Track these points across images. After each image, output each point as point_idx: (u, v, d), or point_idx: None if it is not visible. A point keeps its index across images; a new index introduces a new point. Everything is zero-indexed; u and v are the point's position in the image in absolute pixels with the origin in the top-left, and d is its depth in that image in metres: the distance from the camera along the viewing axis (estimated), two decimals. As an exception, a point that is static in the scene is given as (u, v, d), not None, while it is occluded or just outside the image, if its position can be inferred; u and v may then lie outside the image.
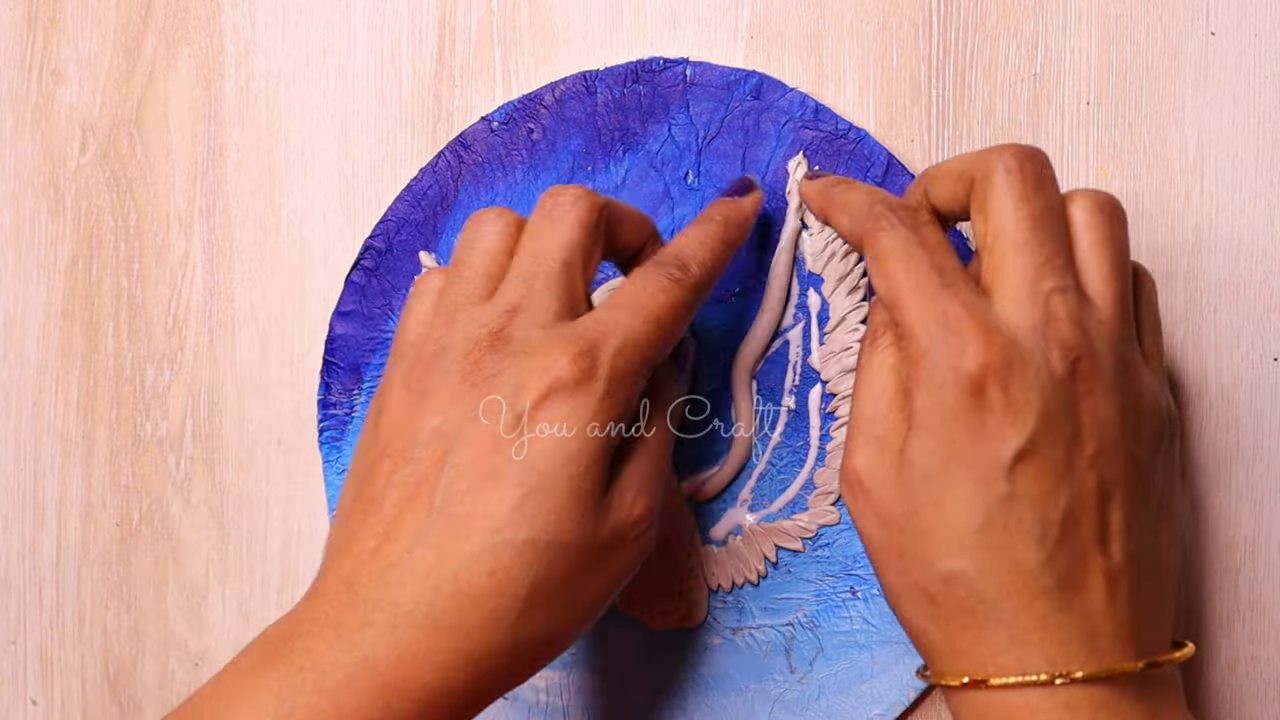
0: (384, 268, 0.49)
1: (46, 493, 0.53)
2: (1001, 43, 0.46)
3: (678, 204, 0.47)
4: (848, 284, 0.45)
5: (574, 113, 0.47)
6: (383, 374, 0.41)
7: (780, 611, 0.46)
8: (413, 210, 0.49)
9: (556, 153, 0.48)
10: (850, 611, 0.46)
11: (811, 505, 0.46)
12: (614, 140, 0.47)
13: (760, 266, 0.46)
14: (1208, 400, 0.45)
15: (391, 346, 0.41)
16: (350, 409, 0.49)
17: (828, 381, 0.46)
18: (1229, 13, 0.45)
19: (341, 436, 0.49)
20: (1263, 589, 0.45)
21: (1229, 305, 0.45)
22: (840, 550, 0.46)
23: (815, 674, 0.46)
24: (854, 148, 0.45)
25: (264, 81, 0.51)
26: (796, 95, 0.46)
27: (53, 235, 0.53)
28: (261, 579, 0.51)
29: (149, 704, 0.52)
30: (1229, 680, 0.45)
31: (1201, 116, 0.45)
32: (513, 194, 0.48)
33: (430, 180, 0.48)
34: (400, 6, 0.50)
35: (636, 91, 0.47)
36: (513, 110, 0.48)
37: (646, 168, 0.47)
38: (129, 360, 0.52)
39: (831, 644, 0.46)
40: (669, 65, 0.47)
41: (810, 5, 0.47)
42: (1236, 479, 0.45)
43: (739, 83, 0.46)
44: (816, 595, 0.46)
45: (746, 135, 0.46)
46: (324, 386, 0.49)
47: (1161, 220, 0.45)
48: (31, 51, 0.53)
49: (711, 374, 0.47)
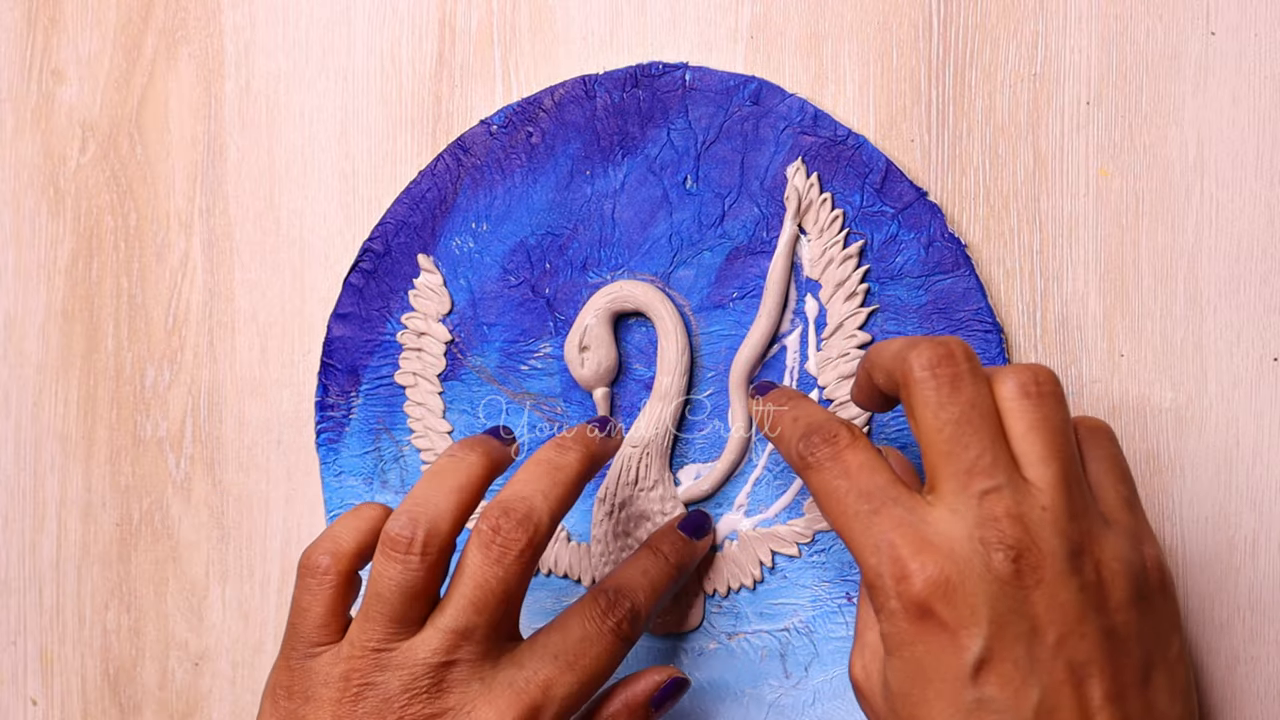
0: (382, 270, 0.49)
1: (46, 493, 0.53)
2: (1001, 43, 0.46)
3: (676, 209, 0.47)
4: (845, 290, 0.45)
5: (573, 116, 0.47)
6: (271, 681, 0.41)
7: (776, 617, 0.46)
8: (411, 213, 0.49)
9: (555, 156, 0.48)
10: (846, 617, 0.46)
11: (808, 511, 0.46)
12: (613, 144, 0.47)
13: (759, 271, 0.46)
14: (1208, 400, 0.45)
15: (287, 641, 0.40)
16: (348, 411, 0.49)
17: (825, 388, 0.46)
18: (1229, 13, 0.45)
19: (339, 439, 0.49)
20: (1262, 589, 0.45)
21: (1229, 305, 0.45)
22: (836, 556, 0.46)
23: (810, 679, 0.46)
24: (852, 154, 0.45)
25: (264, 81, 0.51)
26: (795, 101, 0.46)
27: (53, 235, 0.53)
28: (261, 579, 0.51)
29: (149, 704, 0.52)
30: (1229, 680, 0.45)
31: (1201, 116, 0.45)
32: (511, 197, 0.48)
33: (429, 183, 0.48)
34: (400, 7, 0.50)
35: (636, 96, 0.47)
36: (512, 114, 0.48)
37: (645, 172, 0.47)
38: (129, 360, 0.52)
39: (827, 649, 0.46)
40: (668, 70, 0.47)
41: (810, 6, 0.47)
42: (1236, 479, 0.45)
43: (738, 88, 0.46)
44: (812, 601, 0.46)
45: (745, 140, 0.46)
46: (321, 389, 0.49)
47: (1161, 220, 0.45)
48: (31, 51, 0.53)
49: (709, 379, 0.47)
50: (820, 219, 0.46)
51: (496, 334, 0.48)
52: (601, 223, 0.47)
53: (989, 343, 0.45)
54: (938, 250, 0.45)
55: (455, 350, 0.48)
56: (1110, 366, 0.45)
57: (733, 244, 0.46)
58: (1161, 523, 0.45)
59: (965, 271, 0.45)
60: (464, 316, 0.48)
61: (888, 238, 0.45)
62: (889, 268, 0.45)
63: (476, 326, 0.48)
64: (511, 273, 0.48)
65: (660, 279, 0.47)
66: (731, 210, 0.46)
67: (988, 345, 0.45)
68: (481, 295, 0.48)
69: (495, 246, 0.48)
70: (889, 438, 0.45)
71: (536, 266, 0.48)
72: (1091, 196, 0.45)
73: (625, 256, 0.47)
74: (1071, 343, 0.45)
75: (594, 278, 0.47)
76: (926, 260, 0.45)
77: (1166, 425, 0.45)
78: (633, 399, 0.47)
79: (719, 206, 0.46)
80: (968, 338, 0.45)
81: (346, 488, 0.49)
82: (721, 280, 0.46)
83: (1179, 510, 0.45)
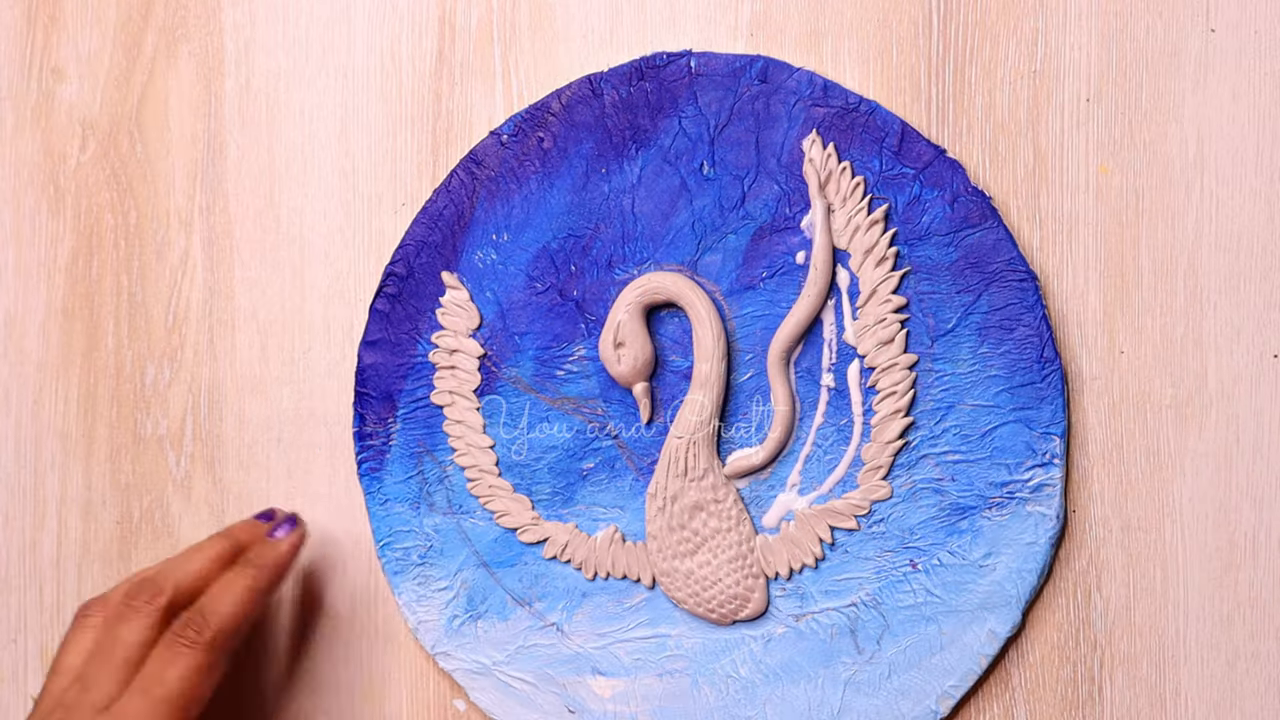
0: (407, 293, 0.49)
1: (47, 490, 0.53)
2: (1001, 39, 0.46)
3: (695, 195, 0.47)
4: (875, 256, 0.45)
5: (582, 116, 0.47)
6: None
7: (842, 593, 0.46)
8: (430, 232, 0.48)
9: (569, 158, 0.47)
10: (912, 585, 0.46)
11: (862, 482, 0.46)
12: (625, 139, 0.47)
13: (786, 248, 0.46)
14: (1208, 397, 0.45)
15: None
16: (387, 438, 0.49)
17: (865, 355, 0.46)
18: (1229, 10, 0.45)
19: (381, 466, 0.49)
20: (1263, 586, 0.45)
21: (1229, 302, 0.45)
22: (896, 524, 0.46)
23: (884, 652, 0.46)
24: (866, 119, 0.45)
25: (264, 79, 0.51)
26: (804, 74, 0.46)
27: (53, 233, 0.53)
28: (262, 577, 0.51)
29: (149, 702, 0.52)
30: (1229, 676, 0.45)
31: (1201, 113, 0.45)
32: (529, 205, 0.48)
33: (445, 200, 0.48)
34: (400, 4, 0.50)
35: (643, 88, 0.47)
36: (520, 121, 0.48)
37: (660, 163, 0.47)
38: (129, 358, 0.52)
39: (897, 620, 0.46)
40: (673, 59, 0.47)
41: (810, 3, 0.47)
42: (1237, 476, 0.45)
43: (744, 68, 0.46)
44: (877, 572, 0.46)
45: (757, 119, 0.46)
46: (358, 419, 0.49)
47: (1161, 217, 0.45)
48: (32, 50, 0.53)
49: (748, 361, 0.47)
50: (842, 188, 0.45)
51: (529, 342, 0.48)
52: (622, 218, 0.47)
53: (1025, 291, 0.44)
54: (963, 205, 0.45)
55: (489, 364, 0.48)
56: (1110, 363, 0.45)
57: (756, 224, 0.46)
58: (1162, 520, 0.45)
59: (993, 223, 0.45)
60: (494, 329, 0.48)
61: (911, 199, 0.45)
62: (916, 229, 0.45)
63: (508, 337, 0.48)
64: (537, 279, 0.48)
65: (688, 267, 0.47)
66: (751, 190, 0.46)
67: (1024, 294, 0.44)
68: (509, 306, 0.48)
69: (518, 255, 0.48)
70: (936, 456, 0.45)
71: (562, 270, 0.48)
72: (1091, 193, 0.45)
73: (650, 249, 0.47)
74: (1072, 339, 0.45)
75: (620, 274, 0.47)
76: (953, 217, 0.45)
77: (1167, 422, 0.45)
78: (673, 390, 0.47)
79: (738, 188, 0.46)
80: (1002, 289, 0.45)
81: (394, 515, 0.49)
82: (749, 261, 0.46)
83: (1179, 507, 0.45)
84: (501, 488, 0.48)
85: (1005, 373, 0.45)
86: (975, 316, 0.45)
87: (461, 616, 0.48)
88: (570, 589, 0.48)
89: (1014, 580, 0.45)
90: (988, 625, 0.45)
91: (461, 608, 0.48)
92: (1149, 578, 0.45)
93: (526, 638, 0.48)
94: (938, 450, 0.45)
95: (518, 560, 0.48)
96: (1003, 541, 0.45)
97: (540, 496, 0.48)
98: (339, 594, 0.50)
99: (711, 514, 0.46)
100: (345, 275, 0.50)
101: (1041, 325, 0.44)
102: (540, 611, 0.48)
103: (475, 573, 0.48)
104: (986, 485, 0.45)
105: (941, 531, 0.45)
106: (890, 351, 0.45)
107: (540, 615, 0.48)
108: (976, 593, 0.45)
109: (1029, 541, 0.45)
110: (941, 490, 0.45)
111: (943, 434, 0.45)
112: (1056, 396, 0.44)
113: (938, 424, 0.45)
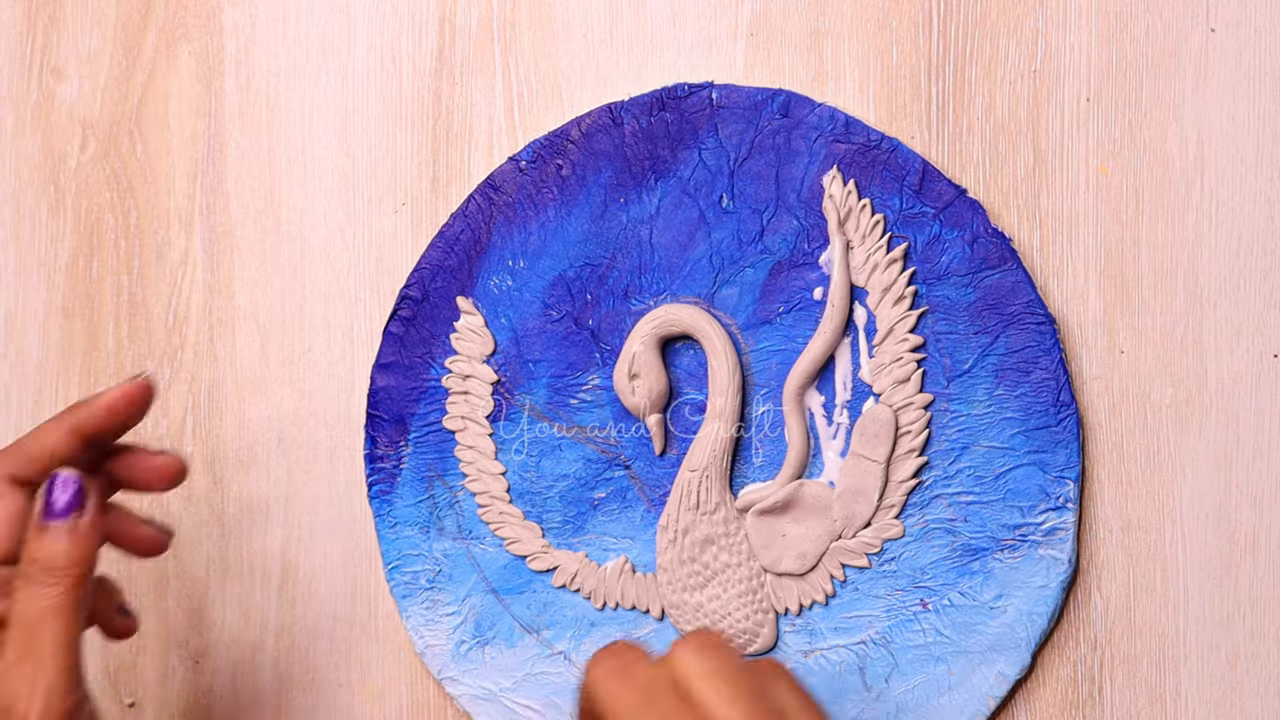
0: (421, 316, 0.49)
1: (47, 490, 0.53)
2: (1001, 39, 0.46)
3: (714, 228, 0.47)
4: (893, 294, 0.45)
5: (602, 145, 0.47)
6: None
7: (851, 630, 0.46)
8: (446, 256, 0.48)
9: (587, 187, 0.47)
10: (922, 624, 0.45)
11: (874, 520, 0.46)
12: (644, 170, 0.47)
13: (804, 284, 0.46)
14: (1208, 397, 0.45)
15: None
16: (398, 461, 0.49)
17: (880, 394, 0.45)
18: (1229, 9, 0.45)
19: (391, 489, 0.49)
20: (1263, 586, 0.45)
21: (1229, 301, 0.45)
22: (907, 563, 0.45)
23: (892, 690, 0.46)
24: (887, 157, 0.45)
25: (264, 79, 0.51)
26: (826, 110, 0.46)
27: (53, 233, 0.53)
28: (262, 577, 0.51)
29: (149, 702, 0.52)
30: (1229, 677, 0.45)
31: (1201, 113, 0.45)
32: (546, 232, 0.48)
33: (462, 225, 0.48)
34: (400, 4, 0.50)
35: (664, 119, 0.47)
36: (540, 148, 0.48)
37: (679, 195, 0.47)
38: (129, 358, 0.52)
39: (905, 659, 0.45)
40: (695, 90, 0.47)
41: (810, 2, 0.47)
42: (1237, 476, 0.45)
43: (766, 102, 0.46)
44: (887, 611, 0.46)
45: (778, 154, 0.46)
46: (369, 441, 0.49)
47: (1161, 217, 0.45)
48: (32, 49, 0.53)
49: (763, 396, 0.46)
50: (861, 225, 0.45)
51: (543, 370, 0.48)
52: (640, 249, 0.47)
53: (1043, 335, 0.44)
54: (982, 246, 0.45)
55: (502, 390, 0.48)
56: (1110, 363, 0.45)
57: (774, 259, 0.46)
58: (1162, 520, 0.45)
59: (1013, 265, 0.45)
60: (508, 355, 0.48)
61: (931, 238, 0.45)
62: (935, 268, 0.45)
63: (522, 364, 0.48)
64: (553, 307, 0.48)
65: (704, 300, 0.47)
66: (770, 225, 0.46)
67: (1042, 338, 0.44)
68: (524, 332, 0.48)
69: (534, 282, 0.48)
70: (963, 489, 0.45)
71: (577, 299, 0.48)
72: (1091, 193, 0.45)
73: (667, 281, 0.47)
74: (1072, 339, 0.45)
75: (636, 305, 0.47)
76: (972, 257, 0.45)
77: (1167, 422, 0.45)
78: (686, 423, 0.47)
79: (757, 222, 0.46)
80: (1020, 332, 0.44)
81: (403, 538, 0.49)
82: (766, 296, 0.46)
83: (1179, 507, 0.45)
84: (512, 514, 0.48)
85: (1021, 415, 0.45)
86: (992, 358, 0.45)
87: (469, 642, 0.48)
88: (579, 618, 0.48)
89: (1024, 623, 0.45)
90: (997, 667, 0.45)
91: (469, 633, 0.48)
92: (1149, 578, 0.45)
93: (534, 665, 0.48)
94: (951, 490, 0.45)
95: (527, 588, 0.48)
96: (1014, 584, 0.45)
97: (551, 524, 0.48)
98: (339, 594, 0.50)
99: (723, 548, 0.46)
100: (345, 275, 0.50)
101: (1058, 369, 0.44)
102: (548, 640, 0.48)
103: (484, 599, 0.48)
104: (999, 527, 0.45)
105: (953, 572, 0.45)
106: (906, 390, 0.45)
107: (548, 643, 0.48)
108: (987, 634, 0.45)
109: (1040, 585, 0.44)
110: (954, 531, 0.45)
111: (956, 474, 0.45)
112: (1071, 440, 0.44)
113: (952, 464, 0.45)
